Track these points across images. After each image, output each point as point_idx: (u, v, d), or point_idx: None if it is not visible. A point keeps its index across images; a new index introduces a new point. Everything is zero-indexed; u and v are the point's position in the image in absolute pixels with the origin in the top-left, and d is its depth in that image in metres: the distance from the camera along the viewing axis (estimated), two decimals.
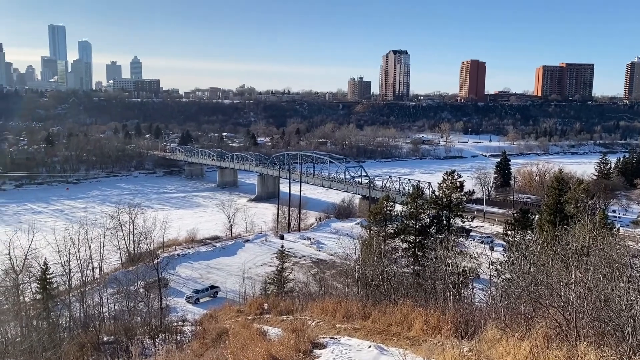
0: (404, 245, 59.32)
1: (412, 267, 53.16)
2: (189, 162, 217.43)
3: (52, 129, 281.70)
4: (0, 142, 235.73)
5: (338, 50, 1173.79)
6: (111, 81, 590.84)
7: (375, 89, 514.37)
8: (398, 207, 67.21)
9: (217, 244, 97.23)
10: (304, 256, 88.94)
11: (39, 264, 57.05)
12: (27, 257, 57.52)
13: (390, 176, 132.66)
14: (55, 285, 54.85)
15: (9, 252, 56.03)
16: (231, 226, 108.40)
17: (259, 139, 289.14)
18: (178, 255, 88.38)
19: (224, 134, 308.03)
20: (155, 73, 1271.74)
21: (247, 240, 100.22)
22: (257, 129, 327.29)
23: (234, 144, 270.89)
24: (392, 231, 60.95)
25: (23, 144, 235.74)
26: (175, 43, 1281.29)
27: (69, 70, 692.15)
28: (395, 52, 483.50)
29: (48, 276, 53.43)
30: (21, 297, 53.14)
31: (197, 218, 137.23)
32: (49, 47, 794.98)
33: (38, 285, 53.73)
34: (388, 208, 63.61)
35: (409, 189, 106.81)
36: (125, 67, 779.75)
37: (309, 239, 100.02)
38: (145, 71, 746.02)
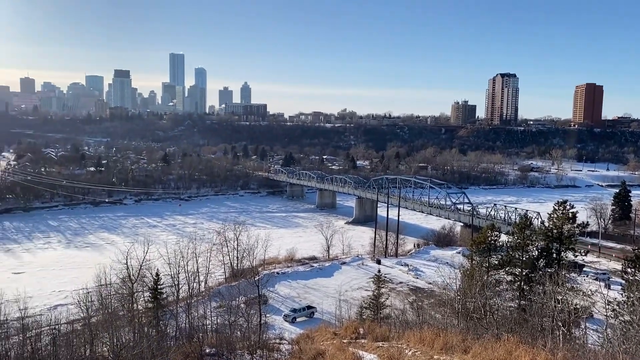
0: (509, 278, 56.18)
1: (517, 301, 50.12)
2: (290, 183, 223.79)
3: (169, 149, 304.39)
4: (124, 160, 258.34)
5: (441, 73, 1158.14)
6: (223, 105, 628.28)
7: (481, 113, 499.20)
8: (503, 237, 64.00)
9: (315, 265, 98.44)
10: (401, 283, 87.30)
11: (151, 274, 61.17)
12: (142, 267, 61.98)
13: (495, 204, 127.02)
14: (164, 295, 58.35)
15: (127, 262, 60.75)
16: (328, 248, 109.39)
17: (358, 162, 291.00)
18: (277, 273, 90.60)
19: (324, 156, 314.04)
20: (263, 98, 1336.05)
21: (344, 263, 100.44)
22: (356, 152, 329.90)
23: (333, 167, 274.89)
24: (496, 262, 58.04)
25: (143, 162, 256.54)
26: (283, 70, 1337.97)
27: (186, 95, 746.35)
28: (503, 75, 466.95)
29: (159, 286, 57.00)
30: (135, 305, 57.13)
31: (297, 238, 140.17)
32: (169, 73, 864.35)
33: (150, 295, 57.45)
34: (492, 237, 60.72)
35: (515, 219, 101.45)
36: (236, 92, 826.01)
37: (407, 265, 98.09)
38: (254, 96, 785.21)
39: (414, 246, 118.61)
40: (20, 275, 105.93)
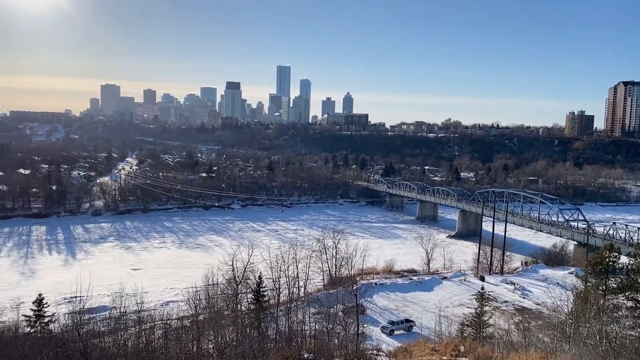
0: (630, 304, 51.23)
1: (638, 330, 45.58)
2: (390, 194, 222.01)
3: (274, 157, 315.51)
4: (232, 167, 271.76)
5: (554, 82, 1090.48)
6: (325, 115, 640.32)
7: (599, 124, 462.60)
8: (623, 259, 58.65)
9: (414, 278, 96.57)
10: (505, 302, 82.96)
11: (254, 277, 63.54)
12: (246, 269, 64.61)
13: (614, 222, 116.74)
14: (266, 298, 60.26)
15: (232, 264, 63.67)
16: (429, 261, 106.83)
17: (462, 174, 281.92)
18: (375, 284, 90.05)
19: (426, 167, 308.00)
20: (365, 107, 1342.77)
21: (445, 278, 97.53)
22: (460, 163, 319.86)
23: (435, 178, 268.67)
24: (614, 286, 53.25)
25: (250, 169, 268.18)
26: (385, 79, 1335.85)
27: (291, 105, 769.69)
28: (625, 83, 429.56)
29: (261, 289, 59.02)
30: (239, 306, 59.61)
31: (395, 249, 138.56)
32: (276, 85, 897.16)
33: (253, 297, 59.64)
34: (611, 258, 55.84)
35: (638, 239, 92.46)
36: (339, 102, 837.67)
37: (513, 283, 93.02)
38: (356, 106, 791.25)
39: (521, 264, 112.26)
40: (138, 272, 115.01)
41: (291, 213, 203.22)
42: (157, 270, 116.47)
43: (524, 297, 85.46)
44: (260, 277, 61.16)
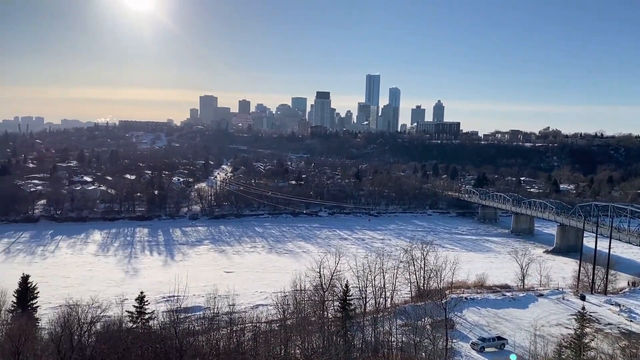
0: None
1: None
2: (482, 205, 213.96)
3: (361, 165, 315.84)
4: (321, 175, 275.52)
5: None
6: (414, 124, 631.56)
7: None
8: None
9: (507, 294, 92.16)
10: (609, 324, 76.84)
11: (341, 285, 63.86)
12: (333, 277, 65.11)
13: None
14: (353, 307, 60.30)
15: (320, 271, 64.44)
16: (523, 277, 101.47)
17: (561, 186, 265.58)
18: (466, 298, 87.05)
19: (522, 178, 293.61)
20: (456, 116, 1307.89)
21: (541, 295, 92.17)
22: (560, 174, 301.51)
23: (532, 190, 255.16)
24: None
25: (337, 177, 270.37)
26: (478, 87, 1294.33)
27: (379, 114, 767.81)
28: None
29: (348, 297, 59.13)
30: (325, 313, 60.14)
31: (487, 263, 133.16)
32: (365, 94, 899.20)
33: (339, 305, 59.92)
34: None
35: None
36: (429, 110, 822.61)
37: (618, 305, 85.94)
38: (447, 114, 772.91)
39: (628, 284, 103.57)
40: (230, 274, 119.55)
41: (378, 222, 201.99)
42: (248, 274, 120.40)
43: (631, 320, 78.72)
44: (347, 286, 61.34)
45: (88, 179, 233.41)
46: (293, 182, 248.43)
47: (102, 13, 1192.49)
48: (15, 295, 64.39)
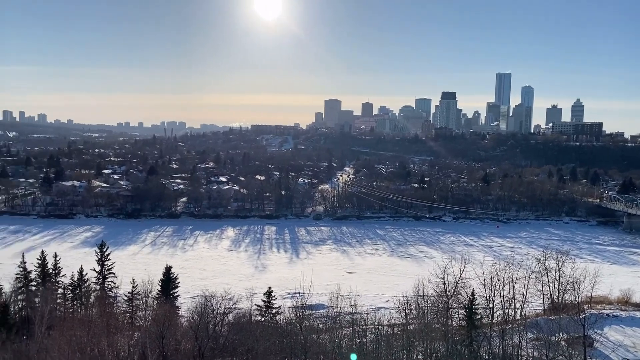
0: None
1: None
2: (628, 214, 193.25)
3: (489, 169, 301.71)
4: (445, 179, 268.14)
5: None
6: (550, 125, 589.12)
7: None
8: None
9: None
10: None
11: (466, 293, 61.50)
12: (458, 284, 62.96)
13: None
14: (479, 316, 57.83)
15: (443, 277, 62.69)
16: None
17: None
18: (607, 315, 79.12)
19: None
20: (598, 116, 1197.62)
21: None
22: None
23: None
24: None
25: (463, 181, 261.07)
26: (623, 84, 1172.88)
27: (510, 114, 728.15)
28: None
29: (474, 306, 56.82)
30: (449, 320, 58.37)
31: (634, 278, 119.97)
32: (494, 93, 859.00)
33: (464, 313, 57.79)
34: None
35: None
36: (566, 110, 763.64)
37: None
38: (587, 114, 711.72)
39: None
40: (351, 275, 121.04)
41: (507, 229, 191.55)
42: (369, 276, 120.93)
43: None
44: (473, 294, 59.01)
45: (223, 179, 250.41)
46: (416, 185, 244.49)
47: (236, 27, 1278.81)
48: (160, 284, 71.04)
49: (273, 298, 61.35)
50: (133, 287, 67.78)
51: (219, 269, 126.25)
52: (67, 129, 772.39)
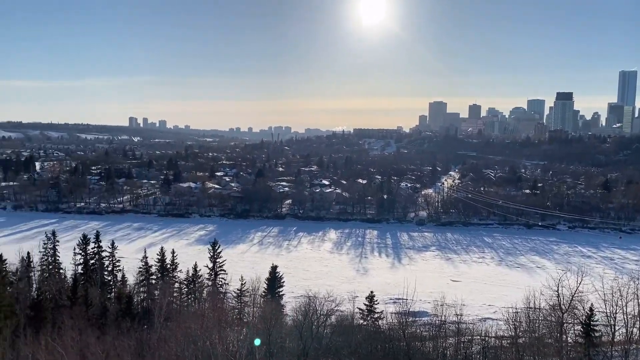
0: None
1: None
2: None
3: (611, 175, 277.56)
4: (560, 185, 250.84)
5: None
6: None
7: None
8: None
9: None
10: None
11: (583, 307, 57.08)
12: (574, 298, 58.60)
13: None
14: (598, 334, 53.52)
15: (557, 290, 58.66)
16: None
17: None
18: None
19: None
20: None
21: None
22: None
23: None
24: None
25: (580, 187, 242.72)
26: None
27: (636, 115, 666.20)
28: None
29: (592, 323, 52.70)
30: (564, 336, 54.53)
31: None
32: (617, 93, 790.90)
33: (581, 329, 53.78)
34: None
35: None
36: None
37: None
38: None
39: None
40: (456, 283, 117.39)
41: (632, 240, 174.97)
42: (475, 285, 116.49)
43: None
44: (591, 309, 54.71)
45: (326, 182, 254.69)
46: (527, 191, 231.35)
47: (341, 31, 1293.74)
48: (266, 282, 73.82)
49: (375, 302, 61.19)
50: (242, 284, 71.10)
51: (322, 270, 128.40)
52: (185, 134, 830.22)
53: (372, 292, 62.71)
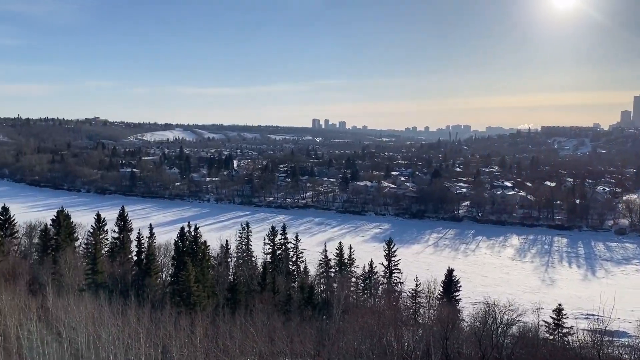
0: None
1: None
2: None
3: None
4: None
5: None
6: None
7: None
8: None
9: None
10: None
11: None
12: None
13: None
14: None
15: None
16: None
17: None
18: None
19: None
20: None
21: None
22: None
23: None
24: None
25: None
26: None
27: None
28: None
29: None
30: None
31: None
32: None
33: None
34: None
35: None
36: None
37: None
38: None
39: None
40: None
41: None
42: None
43: None
44: None
45: (508, 184, 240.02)
46: None
47: (529, 19, 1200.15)
48: (442, 285, 72.29)
49: (564, 316, 55.92)
50: (417, 284, 70.67)
51: (502, 277, 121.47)
52: (362, 134, 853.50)
53: (560, 304, 57.44)
